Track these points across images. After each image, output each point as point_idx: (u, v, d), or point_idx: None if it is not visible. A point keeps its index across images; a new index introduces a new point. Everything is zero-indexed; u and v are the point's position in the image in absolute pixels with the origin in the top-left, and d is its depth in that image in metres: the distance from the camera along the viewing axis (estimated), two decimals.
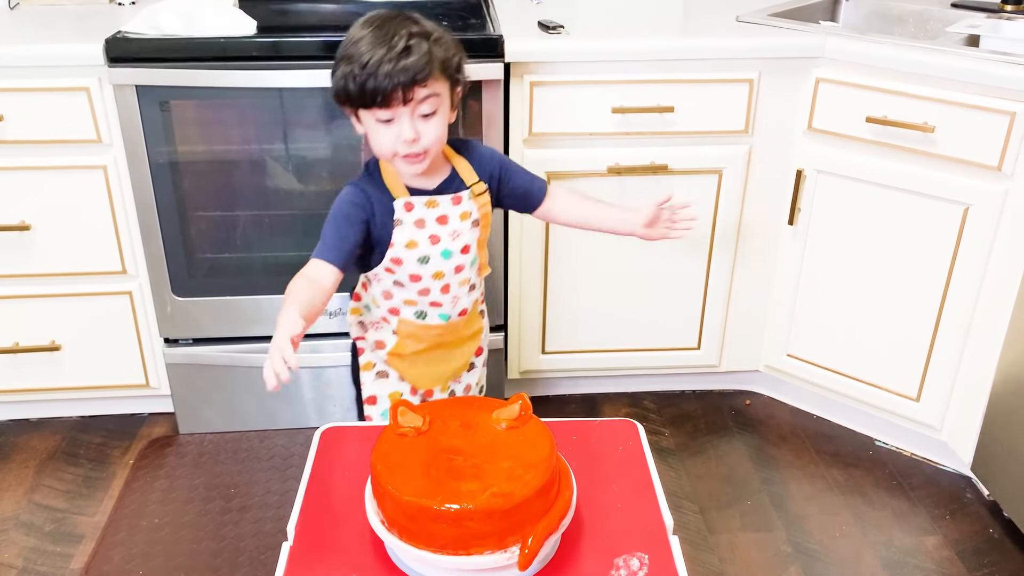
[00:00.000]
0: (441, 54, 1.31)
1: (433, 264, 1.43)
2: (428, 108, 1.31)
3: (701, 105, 1.93)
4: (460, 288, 1.46)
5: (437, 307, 1.46)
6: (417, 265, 1.42)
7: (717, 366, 2.24)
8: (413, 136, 1.31)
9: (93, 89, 1.81)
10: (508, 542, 1.10)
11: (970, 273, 1.84)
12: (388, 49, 1.27)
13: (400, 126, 1.31)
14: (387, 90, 1.27)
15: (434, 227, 1.41)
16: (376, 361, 1.52)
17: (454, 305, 1.47)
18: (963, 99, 1.74)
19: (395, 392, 1.53)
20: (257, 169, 1.94)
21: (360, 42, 1.29)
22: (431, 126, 1.33)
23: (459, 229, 1.43)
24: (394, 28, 1.29)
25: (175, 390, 2.11)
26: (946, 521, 1.93)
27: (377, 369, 1.53)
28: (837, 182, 1.95)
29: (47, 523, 1.89)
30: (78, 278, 1.99)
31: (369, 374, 1.53)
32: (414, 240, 1.40)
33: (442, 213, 1.41)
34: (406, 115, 1.31)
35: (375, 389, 1.54)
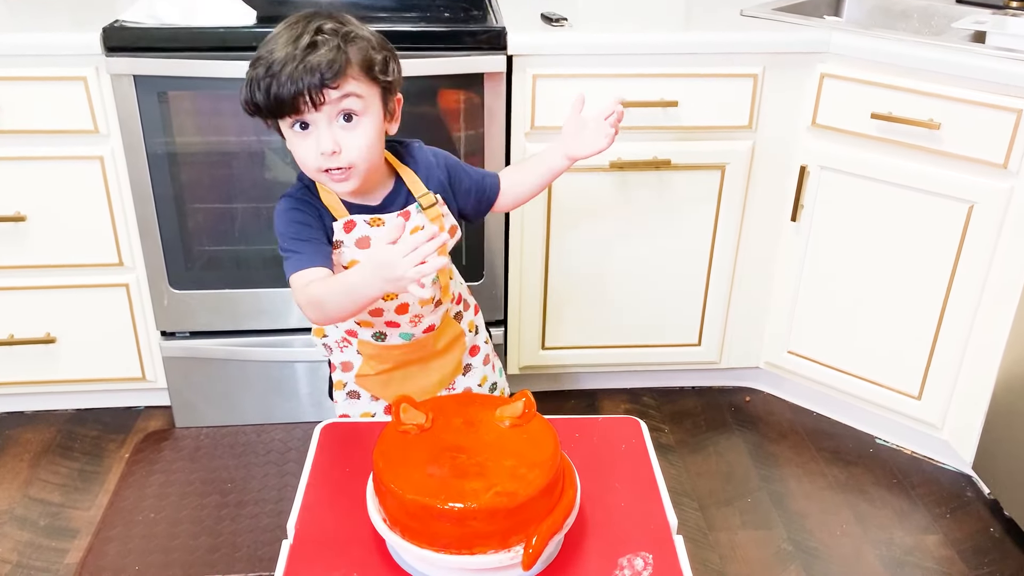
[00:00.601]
0: (357, 52, 1.17)
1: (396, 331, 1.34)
2: (349, 112, 1.17)
3: (705, 100, 1.91)
4: (421, 307, 1.33)
5: (395, 327, 1.34)
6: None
7: (717, 363, 2.23)
8: (332, 147, 1.18)
9: (90, 79, 1.79)
10: (512, 541, 1.08)
11: (974, 271, 1.83)
12: (293, 47, 1.14)
13: (318, 136, 1.18)
14: (292, 94, 1.14)
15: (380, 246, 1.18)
16: (347, 381, 1.44)
17: (415, 325, 1.35)
18: (969, 96, 1.73)
19: (366, 412, 1.45)
20: (255, 161, 1.92)
21: (269, 42, 1.18)
22: (354, 136, 1.19)
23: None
24: (304, 26, 1.16)
25: (171, 383, 2.09)
26: (947, 520, 1.92)
27: (348, 389, 1.44)
28: (841, 179, 1.93)
29: (42, 517, 1.87)
30: (74, 270, 1.97)
31: (341, 393, 1.46)
32: (355, 260, 1.26)
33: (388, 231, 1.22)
34: (323, 122, 1.17)
35: (347, 408, 1.46)
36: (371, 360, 1.39)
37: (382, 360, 1.39)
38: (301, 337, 2.06)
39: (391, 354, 1.38)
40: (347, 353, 1.42)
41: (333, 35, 1.16)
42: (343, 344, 1.41)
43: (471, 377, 1.50)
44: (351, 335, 1.38)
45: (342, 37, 1.16)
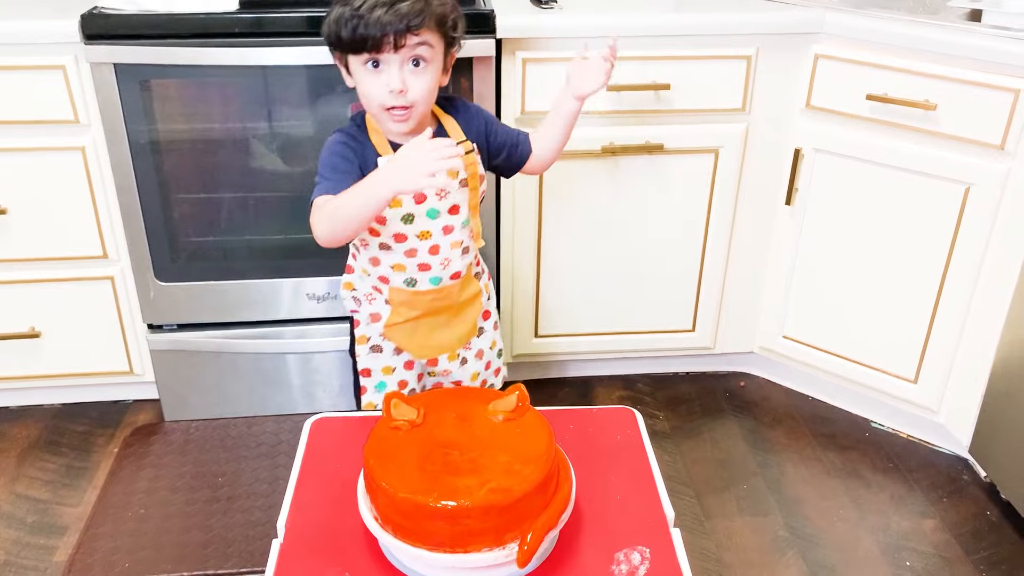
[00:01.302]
0: (438, 7, 1.30)
1: (419, 224, 1.39)
2: (419, 59, 1.30)
3: (697, 82, 1.88)
4: (451, 250, 1.42)
5: (426, 270, 1.43)
6: (401, 224, 1.38)
7: (712, 348, 2.21)
8: (401, 87, 1.29)
9: (69, 67, 1.75)
10: (506, 539, 1.06)
11: (971, 253, 1.81)
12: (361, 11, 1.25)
13: (389, 74, 1.29)
14: (378, 35, 1.26)
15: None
16: (371, 335, 1.50)
17: (444, 268, 1.43)
18: (965, 76, 1.70)
19: (387, 366, 1.52)
20: (241, 150, 1.89)
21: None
22: (420, 79, 1.31)
23: (446, 187, 1.37)
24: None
25: (160, 377, 2.06)
26: (943, 504, 1.91)
27: (371, 343, 1.51)
28: (836, 161, 1.91)
29: (29, 514, 1.85)
30: (57, 263, 1.93)
31: (363, 347, 1.52)
32: (397, 199, 1.35)
33: None
34: (395, 63, 1.29)
35: (368, 363, 1.53)
36: (401, 307, 1.46)
37: (412, 307, 1.46)
38: (291, 328, 2.04)
39: (421, 300, 1.45)
40: (376, 304, 1.48)
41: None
42: (372, 296, 1.48)
43: (484, 339, 1.57)
44: (383, 281, 1.45)
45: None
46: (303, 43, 1.75)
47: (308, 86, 1.83)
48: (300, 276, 1.99)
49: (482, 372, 1.59)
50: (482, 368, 1.59)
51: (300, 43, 1.75)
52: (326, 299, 2.01)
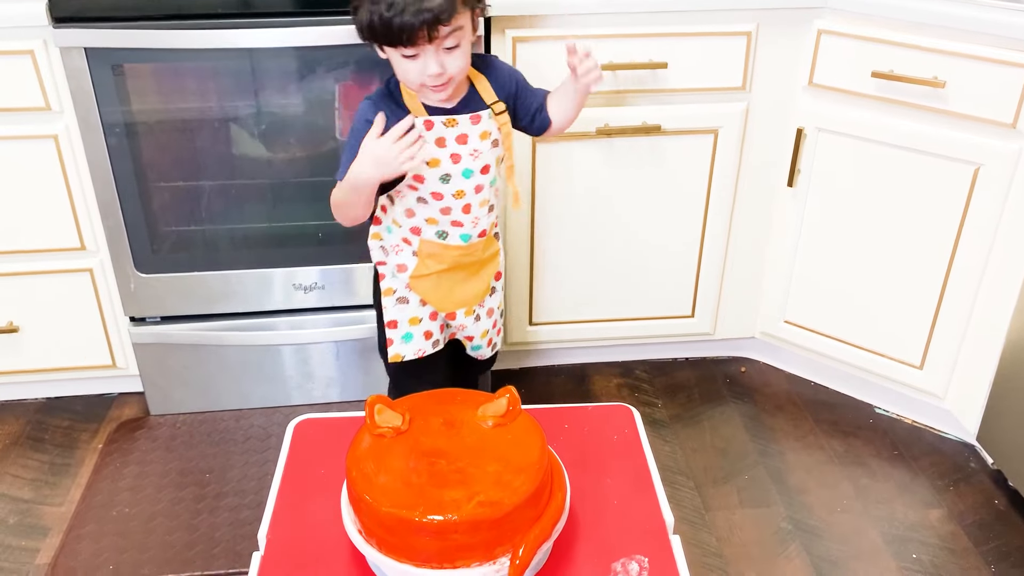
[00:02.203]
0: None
1: (454, 183, 1.45)
2: (452, 42, 1.33)
3: (696, 60, 1.81)
4: (480, 209, 1.49)
5: (458, 227, 1.49)
6: (438, 183, 1.44)
7: (712, 334, 2.15)
8: (439, 71, 1.34)
9: (38, 52, 1.67)
10: (497, 553, 1.01)
11: (980, 236, 1.75)
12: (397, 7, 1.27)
13: (425, 62, 1.33)
14: (412, 30, 1.28)
15: (455, 146, 1.43)
16: (396, 287, 1.55)
17: (474, 226, 1.50)
18: (976, 51, 1.63)
19: (415, 317, 1.57)
20: (222, 136, 1.81)
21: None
22: (455, 58, 1.35)
23: (479, 148, 1.44)
24: None
25: (143, 370, 2.00)
26: (950, 492, 1.86)
27: (398, 295, 1.56)
28: (839, 141, 1.84)
29: (11, 515, 1.79)
30: (33, 255, 1.87)
31: (390, 299, 1.56)
32: (436, 158, 1.42)
33: (462, 132, 1.43)
34: (431, 51, 1.32)
35: (395, 314, 1.57)
36: (429, 259, 1.52)
37: (439, 260, 1.51)
38: (279, 319, 1.97)
39: (449, 254, 1.51)
40: (403, 256, 1.53)
41: None
42: (399, 248, 1.53)
43: (495, 298, 1.64)
44: (415, 233, 1.50)
45: None
46: (287, 23, 1.67)
47: (293, 68, 1.76)
48: (287, 266, 1.92)
49: (490, 330, 1.65)
50: (490, 326, 1.64)
51: (284, 23, 1.67)
52: (315, 289, 1.95)
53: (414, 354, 1.57)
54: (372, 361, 2.05)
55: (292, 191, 1.89)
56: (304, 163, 1.86)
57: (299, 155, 1.86)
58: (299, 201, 1.90)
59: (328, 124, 1.83)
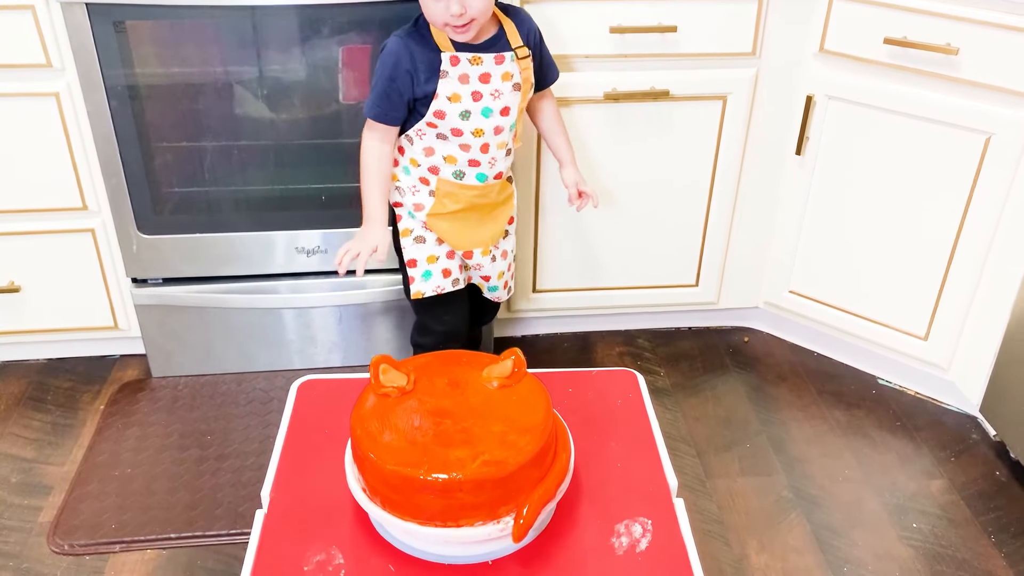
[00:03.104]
0: None
1: (474, 121, 1.50)
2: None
3: (705, 25, 1.78)
4: (498, 151, 1.54)
5: (475, 167, 1.54)
6: (459, 120, 1.49)
7: (715, 303, 2.14)
8: (460, 10, 1.39)
9: (39, 7, 1.64)
10: (501, 512, 1.01)
11: (989, 207, 1.73)
12: None
13: (449, 3, 1.38)
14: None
15: (477, 84, 1.48)
16: (414, 227, 1.61)
17: (491, 167, 1.56)
18: (990, 17, 1.60)
19: (432, 255, 1.62)
20: (225, 96, 1.79)
21: None
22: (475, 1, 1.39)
23: (500, 89, 1.49)
24: None
25: (146, 332, 2.00)
26: (951, 463, 1.87)
27: (415, 235, 1.62)
28: (849, 109, 1.82)
29: (14, 474, 1.80)
30: (35, 215, 1.86)
31: (408, 239, 1.62)
32: (457, 94, 1.48)
33: (485, 71, 1.48)
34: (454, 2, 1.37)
35: (414, 253, 1.63)
36: (446, 198, 1.57)
37: (456, 199, 1.57)
38: (282, 283, 1.97)
39: (466, 194, 1.57)
40: (419, 196, 1.59)
41: None
42: (416, 188, 1.59)
43: (509, 241, 1.71)
44: (433, 172, 1.56)
45: None
46: None
47: (297, 27, 1.73)
48: (291, 229, 1.91)
49: (506, 272, 1.72)
50: (506, 268, 1.72)
51: None
52: (317, 252, 1.94)
53: (433, 291, 1.63)
54: (374, 326, 2.05)
55: (296, 153, 1.87)
56: (308, 125, 1.84)
57: (303, 117, 1.83)
58: (302, 164, 1.89)
59: (332, 86, 1.81)
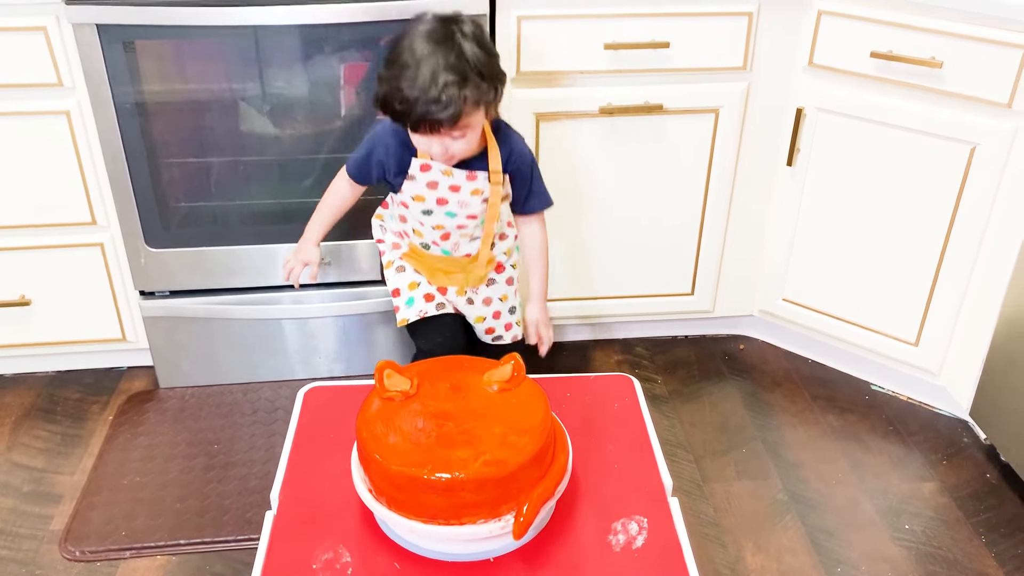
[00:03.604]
0: (475, 95, 1.38)
1: (436, 218, 1.56)
2: (458, 134, 1.41)
3: (697, 40, 1.83)
4: (461, 238, 1.59)
5: (438, 245, 1.61)
6: (420, 215, 1.56)
7: (711, 311, 2.19)
8: (444, 157, 1.45)
9: (51, 28, 1.70)
10: (502, 510, 1.05)
11: (975, 215, 1.78)
12: (429, 87, 1.34)
13: (430, 142, 1.43)
14: (418, 124, 1.39)
15: (445, 192, 1.52)
16: (394, 259, 1.69)
17: (455, 249, 1.61)
18: (973, 32, 1.66)
19: (413, 282, 1.67)
20: (230, 112, 1.84)
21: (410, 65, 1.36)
22: (462, 144, 1.44)
23: (468, 202, 1.54)
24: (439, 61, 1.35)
25: (153, 344, 2.04)
26: (943, 466, 1.90)
27: (396, 265, 1.69)
28: (838, 121, 1.87)
29: (25, 483, 1.84)
30: (46, 230, 1.90)
31: (390, 270, 1.69)
32: (421, 195, 1.53)
33: (455, 183, 1.52)
34: (436, 139, 1.42)
35: (396, 282, 1.68)
36: (416, 254, 1.66)
37: (421, 264, 1.66)
38: (286, 294, 2.01)
39: (432, 258, 1.64)
40: (398, 238, 1.69)
41: (461, 84, 1.36)
42: (395, 232, 1.68)
43: (494, 289, 1.71)
44: (403, 235, 1.67)
45: (471, 86, 1.37)
46: (295, 1, 1.70)
47: (300, 46, 1.78)
48: (293, 241, 1.94)
49: (489, 319, 1.72)
50: (489, 315, 1.72)
51: (292, 1, 1.70)
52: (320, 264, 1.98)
53: (417, 315, 1.65)
54: (377, 336, 2.09)
55: (299, 168, 1.91)
56: (311, 140, 1.89)
57: (306, 132, 1.88)
58: (306, 178, 1.93)
59: (334, 102, 1.86)
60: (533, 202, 1.63)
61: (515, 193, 1.61)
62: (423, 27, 1.39)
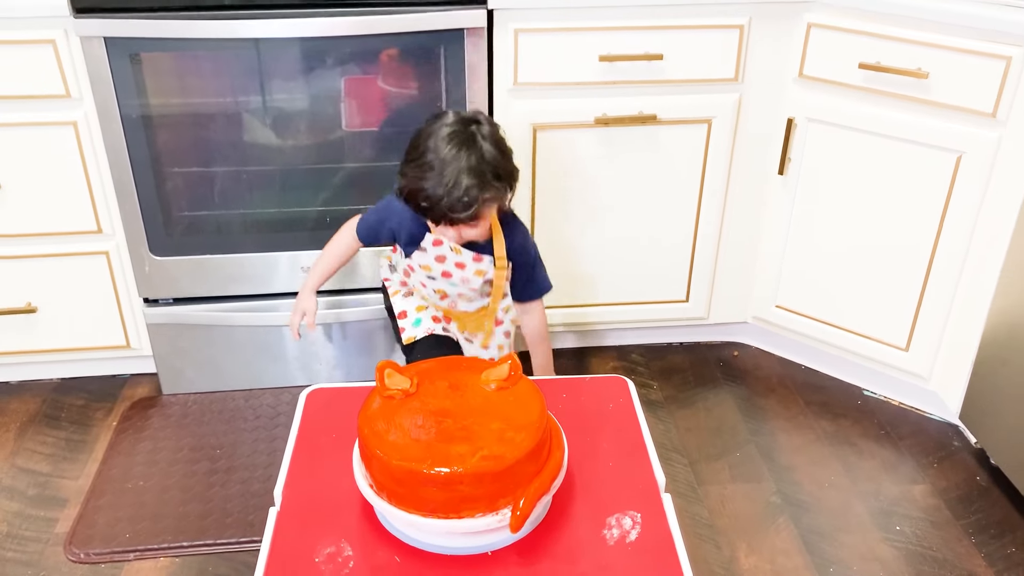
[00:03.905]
0: (493, 195, 1.48)
1: (438, 283, 1.67)
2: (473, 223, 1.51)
3: (690, 52, 1.88)
4: (458, 299, 1.70)
5: (438, 301, 1.72)
6: (424, 277, 1.67)
7: (705, 318, 2.22)
8: (458, 243, 1.58)
9: (59, 41, 1.74)
10: (499, 504, 1.08)
11: (961, 223, 1.82)
12: (452, 189, 1.44)
13: (445, 231, 1.55)
14: (439, 220, 1.50)
15: (451, 267, 1.63)
16: (400, 289, 1.77)
17: (453, 307, 1.72)
18: (958, 44, 1.70)
19: (420, 305, 1.75)
20: (234, 123, 1.89)
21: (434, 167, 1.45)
22: (475, 231, 1.54)
23: (470, 279, 1.64)
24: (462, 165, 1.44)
25: (157, 350, 2.07)
26: (934, 469, 1.94)
27: (403, 292, 1.77)
28: (828, 131, 1.91)
29: (30, 487, 1.86)
30: (52, 238, 1.94)
31: (397, 297, 1.77)
32: (428, 265, 1.65)
33: (462, 261, 1.62)
34: (451, 228, 1.52)
35: (403, 305, 1.76)
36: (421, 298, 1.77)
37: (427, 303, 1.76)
38: (287, 301, 2.04)
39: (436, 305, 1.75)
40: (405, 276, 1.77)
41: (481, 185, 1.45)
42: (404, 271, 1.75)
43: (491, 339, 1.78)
44: (405, 284, 1.77)
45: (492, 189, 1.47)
46: (295, 15, 1.74)
47: (300, 58, 1.83)
48: (295, 249, 1.99)
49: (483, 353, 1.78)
50: (479, 351, 1.78)
51: (292, 15, 1.74)
52: None
53: (424, 332, 1.71)
54: (376, 343, 2.13)
55: (300, 177, 1.95)
56: (312, 150, 1.93)
57: (307, 143, 1.92)
58: (307, 187, 1.97)
59: (335, 113, 1.90)
60: (532, 289, 1.72)
61: (515, 279, 1.70)
62: (446, 128, 1.47)
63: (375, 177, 1.96)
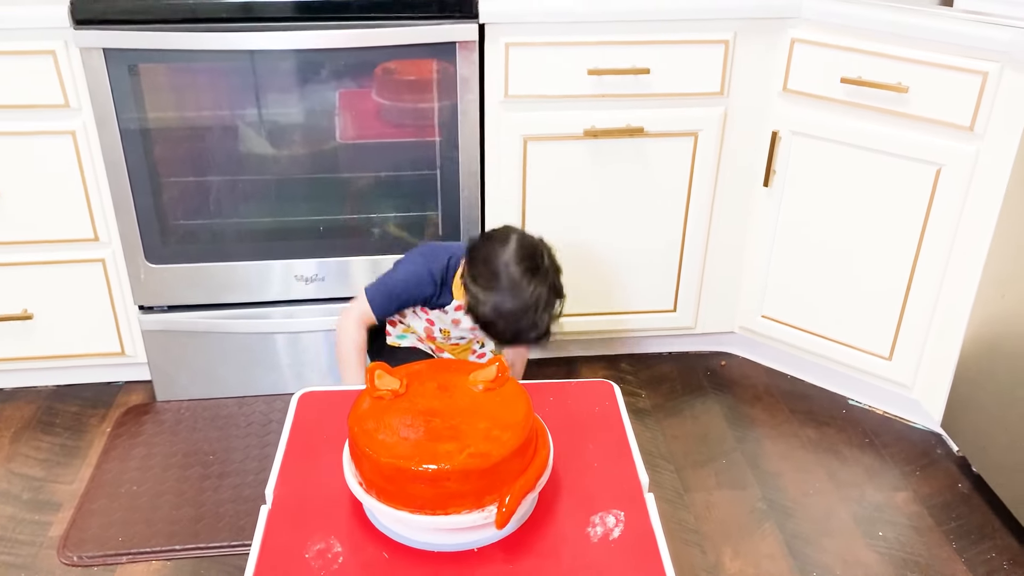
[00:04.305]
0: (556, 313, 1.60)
1: (443, 326, 1.76)
2: None
3: (676, 67, 1.92)
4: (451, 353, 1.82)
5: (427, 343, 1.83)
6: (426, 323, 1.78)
7: (693, 328, 2.26)
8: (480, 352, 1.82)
9: (59, 52, 1.78)
10: (486, 501, 1.11)
11: (942, 234, 1.86)
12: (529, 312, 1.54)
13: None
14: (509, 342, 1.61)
15: (464, 331, 1.75)
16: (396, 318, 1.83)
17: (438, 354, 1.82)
18: (937, 59, 1.75)
19: (409, 327, 1.81)
20: (230, 134, 1.92)
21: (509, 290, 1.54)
22: None
23: (478, 338, 1.78)
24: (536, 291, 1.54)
25: (151, 357, 2.10)
26: (916, 477, 1.97)
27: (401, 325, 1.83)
28: (811, 143, 1.95)
29: (24, 491, 1.88)
30: (49, 246, 1.97)
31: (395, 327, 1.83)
32: (411, 326, 1.79)
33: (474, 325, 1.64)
34: None
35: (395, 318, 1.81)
36: None
37: None
38: (281, 309, 2.07)
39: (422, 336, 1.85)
40: None
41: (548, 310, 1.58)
42: None
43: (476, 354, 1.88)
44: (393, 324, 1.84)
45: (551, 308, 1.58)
46: (292, 27, 1.78)
47: (297, 71, 1.87)
48: (289, 258, 2.02)
49: None
50: None
51: (289, 27, 1.78)
52: (315, 280, 2.05)
53: (408, 344, 1.78)
54: None
55: (295, 188, 1.99)
56: (307, 161, 1.97)
57: (302, 153, 1.96)
58: (302, 197, 2.01)
59: (329, 125, 1.94)
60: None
61: None
62: (514, 252, 1.56)
63: (368, 188, 2.00)
